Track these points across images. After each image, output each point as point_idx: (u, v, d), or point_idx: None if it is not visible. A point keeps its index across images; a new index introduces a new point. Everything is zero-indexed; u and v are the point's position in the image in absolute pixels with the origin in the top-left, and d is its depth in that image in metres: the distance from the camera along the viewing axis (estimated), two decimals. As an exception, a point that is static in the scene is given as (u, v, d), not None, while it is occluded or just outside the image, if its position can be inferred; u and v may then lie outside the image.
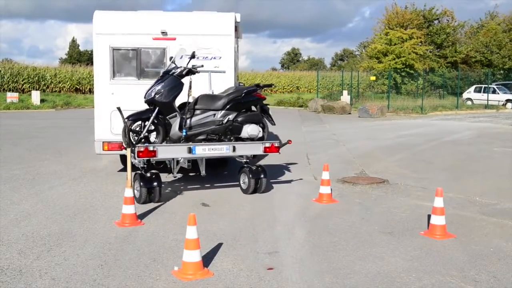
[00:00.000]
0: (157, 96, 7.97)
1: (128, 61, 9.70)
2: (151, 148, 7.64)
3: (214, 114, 8.41)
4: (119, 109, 7.84)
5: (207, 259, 5.20)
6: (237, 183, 8.80)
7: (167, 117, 8.27)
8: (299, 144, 15.04)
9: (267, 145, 8.50)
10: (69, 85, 42.80)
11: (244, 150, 8.52)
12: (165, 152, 7.85)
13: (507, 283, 4.79)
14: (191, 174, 9.86)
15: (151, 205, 7.41)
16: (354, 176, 9.96)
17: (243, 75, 48.03)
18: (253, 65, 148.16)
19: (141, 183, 7.64)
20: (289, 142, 9.08)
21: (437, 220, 6.16)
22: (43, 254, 5.40)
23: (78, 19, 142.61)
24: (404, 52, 42.24)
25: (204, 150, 8.09)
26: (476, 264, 5.25)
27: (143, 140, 7.98)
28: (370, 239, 6.08)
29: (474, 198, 8.25)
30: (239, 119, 8.52)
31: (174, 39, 9.53)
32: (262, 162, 11.29)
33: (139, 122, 8.07)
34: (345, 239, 6.04)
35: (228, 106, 8.43)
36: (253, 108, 8.89)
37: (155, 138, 8.17)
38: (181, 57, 8.28)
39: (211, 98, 8.55)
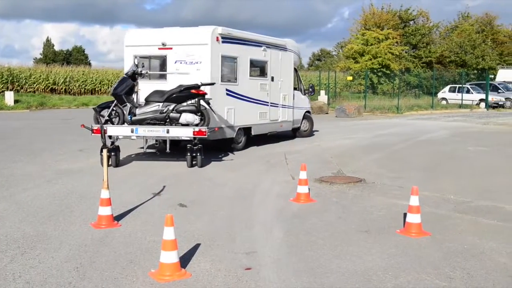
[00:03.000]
0: (114, 90, 10.70)
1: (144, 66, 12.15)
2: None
3: (159, 105, 10.88)
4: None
5: (184, 260, 5.17)
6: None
7: (122, 106, 10.77)
8: (277, 143, 15.08)
9: (196, 129, 10.37)
10: (44, 85, 42.08)
11: (177, 132, 10.56)
12: (113, 131, 10.46)
13: (480, 279, 4.88)
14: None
15: (128, 206, 7.34)
16: (331, 176, 10.03)
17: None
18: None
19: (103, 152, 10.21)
20: (215, 129, 11.61)
21: (413, 218, 6.24)
22: (17, 257, 5.30)
23: (55, 19, 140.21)
24: (381, 52, 42.74)
25: (144, 131, 10.47)
26: (450, 261, 5.33)
27: (108, 122, 10.75)
28: (347, 238, 6.13)
29: (449, 196, 8.38)
30: (179, 109, 10.84)
31: (171, 48, 12.21)
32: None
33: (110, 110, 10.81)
34: (322, 238, 6.08)
35: (169, 99, 10.86)
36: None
37: (118, 122, 10.81)
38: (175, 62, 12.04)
39: (159, 92, 11.05)
